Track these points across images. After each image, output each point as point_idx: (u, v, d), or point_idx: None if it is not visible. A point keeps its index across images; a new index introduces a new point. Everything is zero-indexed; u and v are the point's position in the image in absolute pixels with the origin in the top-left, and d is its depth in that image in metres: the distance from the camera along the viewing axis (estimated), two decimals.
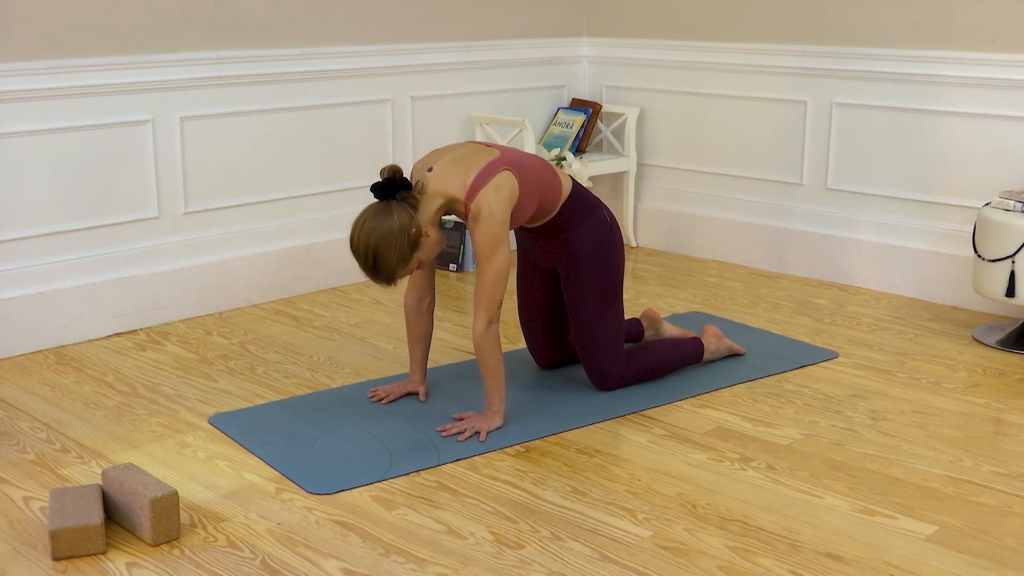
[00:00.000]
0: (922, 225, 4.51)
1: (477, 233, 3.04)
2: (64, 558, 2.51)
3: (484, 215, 3.03)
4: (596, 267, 3.34)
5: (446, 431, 3.14)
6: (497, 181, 3.05)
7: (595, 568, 2.48)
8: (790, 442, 3.14)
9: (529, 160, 3.21)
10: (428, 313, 3.35)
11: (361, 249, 3.01)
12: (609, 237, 3.37)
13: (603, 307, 3.37)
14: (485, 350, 3.09)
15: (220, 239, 4.34)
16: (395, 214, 2.99)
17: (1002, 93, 4.22)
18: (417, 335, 3.37)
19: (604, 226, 3.37)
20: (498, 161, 3.09)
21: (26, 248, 3.85)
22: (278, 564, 2.49)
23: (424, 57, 4.87)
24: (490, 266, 3.05)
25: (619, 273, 3.41)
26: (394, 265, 3.01)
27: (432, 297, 3.35)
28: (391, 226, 2.98)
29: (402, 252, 3.00)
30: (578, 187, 3.37)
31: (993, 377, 3.66)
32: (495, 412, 3.17)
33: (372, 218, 3.00)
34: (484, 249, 3.04)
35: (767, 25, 4.87)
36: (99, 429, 3.22)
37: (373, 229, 2.98)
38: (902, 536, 2.62)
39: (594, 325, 3.37)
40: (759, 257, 5.02)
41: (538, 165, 3.23)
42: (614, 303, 3.40)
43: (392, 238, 2.98)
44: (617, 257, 3.40)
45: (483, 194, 3.03)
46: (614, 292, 3.40)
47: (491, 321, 3.06)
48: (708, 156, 5.17)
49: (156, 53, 4.04)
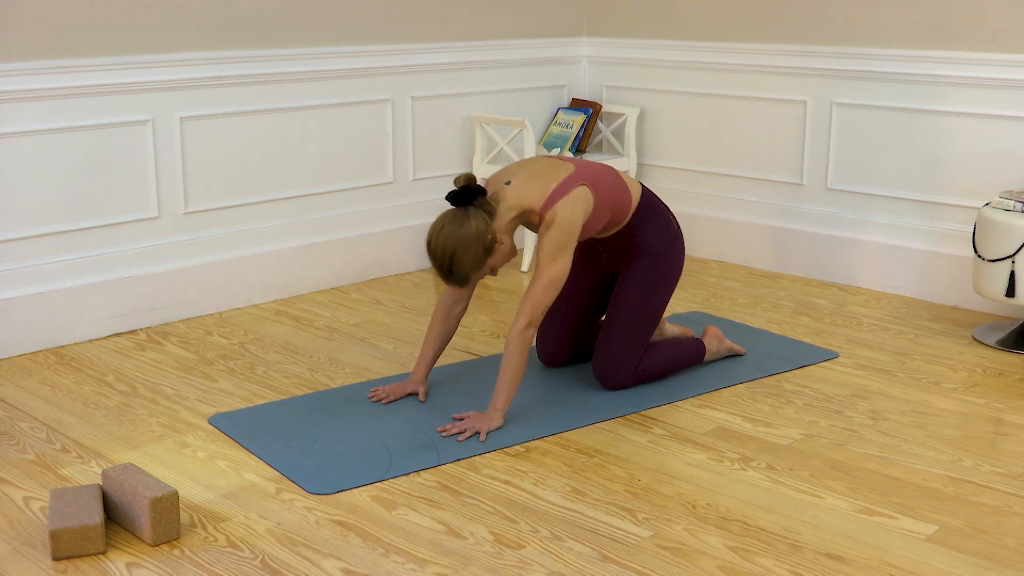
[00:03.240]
0: (922, 225, 4.51)
1: (546, 238, 3.14)
2: (64, 558, 2.51)
3: (557, 222, 3.14)
4: (654, 267, 3.43)
5: (446, 431, 3.15)
6: (574, 195, 3.16)
7: (595, 568, 2.48)
8: (790, 442, 3.14)
9: (603, 176, 3.29)
10: (456, 319, 3.42)
11: (438, 253, 3.09)
12: (672, 244, 3.48)
13: (645, 305, 3.43)
14: (515, 350, 3.14)
15: (220, 239, 4.34)
16: (472, 220, 3.09)
17: (1002, 93, 4.22)
18: (436, 335, 3.42)
19: (671, 233, 3.48)
20: (575, 176, 3.19)
21: (26, 248, 3.85)
22: (278, 564, 2.49)
23: (424, 57, 4.87)
24: (548, 271, 3.13)
25: (672, 280, 3.49)
26: (468, 269, 3.11)
27: (465, 306, 3.42)
28: (468, 231, 3.07)
29: (477, 257, 3.10)
30: (647, 194, 3.47)
31: (993, 377, 3.66)
32: (497, 411, 3.17)
33: (450, 223, 3.09)
34: (547, 253, 3.14)
35: (767, 25, 4.87)
36: (99, 429, 3.22)
37: (451, 234, 3.07)
38: (902, 536, 2.62)
39: (630, 317, 3.43)
40: (759, 257, 5.02)
41: (611, 179, 3.32)
42: (656, 307, 3.46)
43: (469, 243, 3.08)
44: (675, 265, 3.50)
45: (560, 205, 3.14)
46: (660, 297, 3.46)
47: (531, 324, 3.14)
48: (708, 156, 5.17)
49: (156, 53, 4.04)
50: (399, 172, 4.89)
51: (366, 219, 4.80)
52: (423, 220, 4.99)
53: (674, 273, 3.50)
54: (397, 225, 4.90)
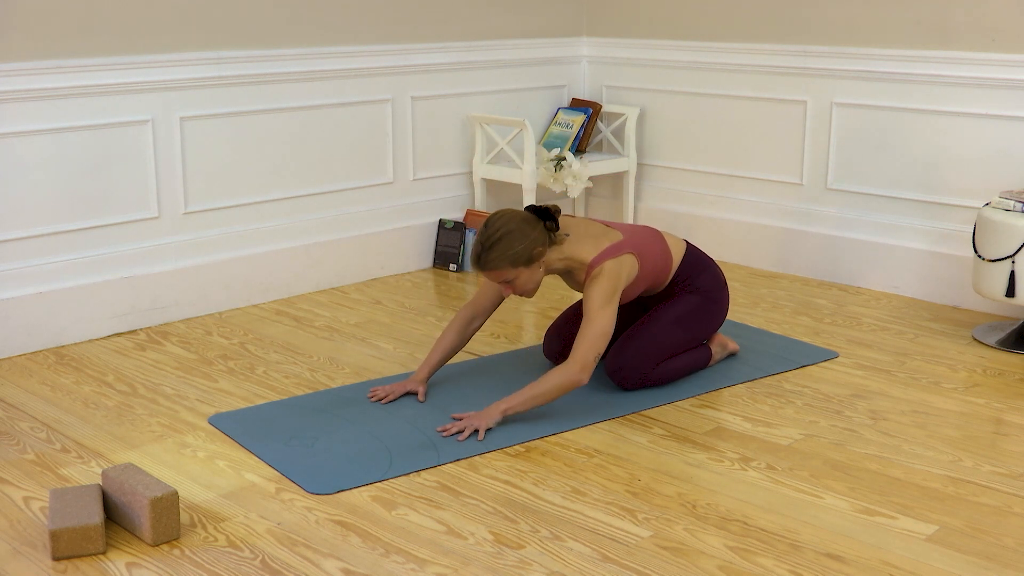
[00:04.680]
0: (922, 225, 4.51)
1: (594, 288, 3.26)
2: (64, 558, 2.51)
3: (604, 275, 3.27)
4: (700, 303, 3.55)
5: (446, 431, 3.15)
6: (621, 260, 3.32)
7: (595, 568, 2.48)
8: (790, 442, 3.14)
9: (650, 244, 3.45)
10: (471, 333, 3.51)
11: (494, 226, 3.19)
12: (720, 292, 3.61)
13: (677, 328, 3.52)
14: (557, 384, 3.19)
15: (220, 239, 4.34)
16: (538, 231, 3.23)
17: (1002, 93, 4.22)
18: (449, 343, 3.48)
19: (718, 282, 3.62)
20: (624, 243, 3.35)
21: (26, 248, 3.85)
22: (278, 564, 2.49)
23: (424, 57, 4.87)
24: (597, 320, 3.22)
25: (714, 320, 3.61)
26: (504, 258, 3.18)
27: (482, 323, 3.52)
28: (528, 232, 3.20)
29: (518, 254, 3.19)
30: (691, 251, 3.60)
31: (993, 377, 3.66)
32: (499, 410, 3.17)
33: (521, 219, 3.22)
34: (596, 303, 3.24)
35: (767, 25, 4.87)
36: (99, 429, 3.22)
37: (515, 224, 3.19)
38: (902, 536, 2.62)
39: (659, 330, 3.49)
40: (759, 257, 5.02)
41: (656, 247, 3.47)
42: (687, 335, 3.54)
43: (523, 238, 3.18)
44: (720, 307, 3.61)
45: (608, 263, 3.29)
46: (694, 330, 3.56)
47: (585, 369, 3.19)
48: (708, 156, 5.17)
49: (156, 53, 4.04)
50: (399, 172, 4.89)
51: (366, 219, 4.80)
52: (423, 220, 4.99)
53: (718, 316, 3.61)
54: (397, 225, 4.90)
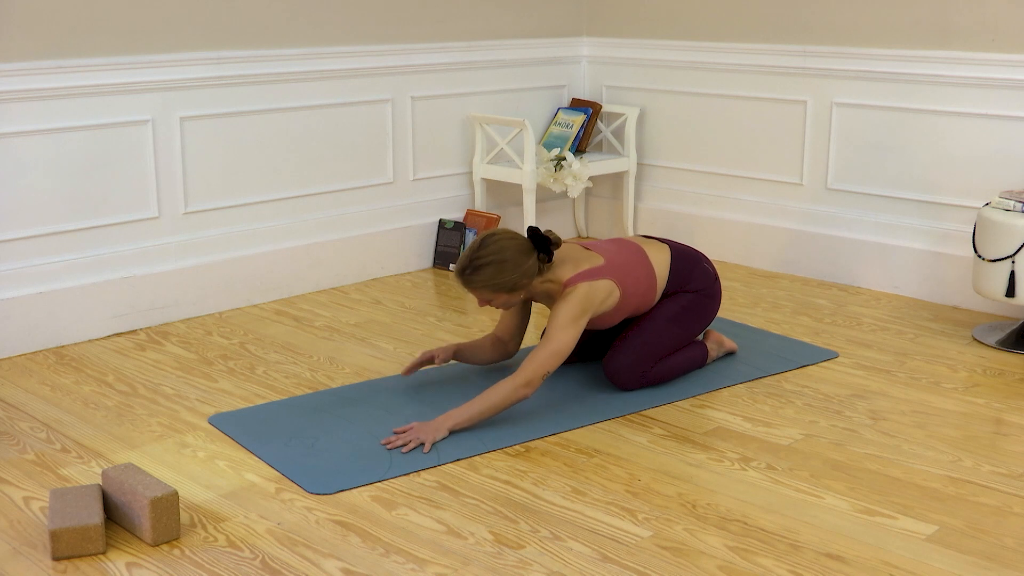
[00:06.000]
0: (922, 225, 4.51)
1: (562, 306, 3.25)
2: (64, 558, 2.51)
3: (575, 295, 3.26)
4: (695, 300, 3.56)
5: (390, 443, 3.08)
6: (597, 284, 3.31)
7: (595, 568, 2.48)
8: (790, 442, 3.14)
9: (631, 269, 3.43)
10: (500, 351, 3.57)
11: (489, 249, 3.20)
12: (713, 285, 3.61)
13: (673, 328, 3.51)
14: (502, 397, 3.17)
15: (220, 239, 4.34)
16: (530, 261, 3.23)
17: (1002, 93, 4.22)
18: (479, 344, 3.58)
19: (709, 277, 3.62)
20: (601, 269, 3.34)
21: (26, 248, 3.85)
22: (278, 564, 2.49)
23: (424, 57, 4.87)
24: (557, 338, 3.21)
25: (708, 314, 3.62)
26: (488, 285, 3.21)
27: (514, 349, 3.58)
28: (521, 263, 3.21)
29: (502, 284, 3.21)
30: (676, 254, 3.57)
31: (993, 377, 3.66)
32: (446, 426, 3.11)
33: (519, 248, 3.22)
34: (560, 321, 3.23)
35: (767, 25, 4.87)
36: (99, 429, 3.22)
37: (511, 255, 3.20)
38: (902, 536, 2.62)
39: (655, 333, 3.48)
40: (759, 257, 5.02)
41: (639, 272, 3.45)
42: (683, 334, 3.54)
43: (514, 270, 3.20)
44: (714, 301, 3.61)
45: (582, 285, 3.28)
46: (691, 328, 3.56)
47: (529, 384, 3.18)
48: (708, 156, 5.17)
49: (156, 53, 4.04)
50: (399, 172, 4.89)
51: (366, 219, 4.80)
52: (423, 220, 4.99)
53: (712, 309, 3.61)
54: (397, 225, 4.90)
